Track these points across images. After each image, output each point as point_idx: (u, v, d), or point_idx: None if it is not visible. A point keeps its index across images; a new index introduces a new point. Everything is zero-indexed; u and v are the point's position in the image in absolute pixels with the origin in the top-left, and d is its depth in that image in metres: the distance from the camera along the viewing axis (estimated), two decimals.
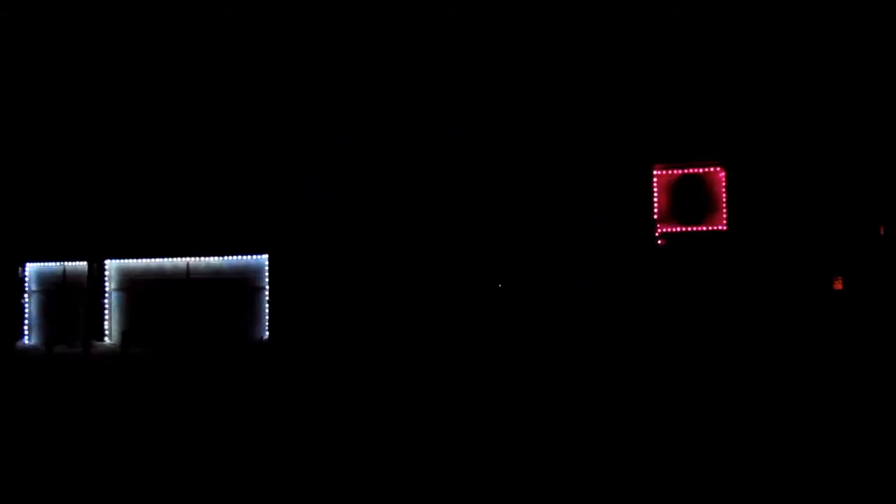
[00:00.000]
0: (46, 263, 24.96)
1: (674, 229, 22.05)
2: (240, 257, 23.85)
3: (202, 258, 24.00)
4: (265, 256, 23.68)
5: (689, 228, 22.32)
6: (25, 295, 24.92)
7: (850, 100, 21.59)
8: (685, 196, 22.20)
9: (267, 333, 23.38)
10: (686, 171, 22.08)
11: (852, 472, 8.95)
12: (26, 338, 24.88)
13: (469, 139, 21.68)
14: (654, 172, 22.46)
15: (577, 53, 22.30)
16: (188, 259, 24.06)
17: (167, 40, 23.48)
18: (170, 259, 24.23)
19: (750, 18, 21.47)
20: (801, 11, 21.13)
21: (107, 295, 24.51)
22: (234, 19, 22.99)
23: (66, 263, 24.76)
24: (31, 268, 25.02)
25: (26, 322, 24.92)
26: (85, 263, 24.27)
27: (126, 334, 23.66)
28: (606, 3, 21.71)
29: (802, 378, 17.71)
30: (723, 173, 22.29)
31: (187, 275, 24.13)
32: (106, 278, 24.46)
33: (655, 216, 22.00)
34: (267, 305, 23.49)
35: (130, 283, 24.47)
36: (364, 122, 22.18)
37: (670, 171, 22.27)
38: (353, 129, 22.23)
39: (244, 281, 23.78)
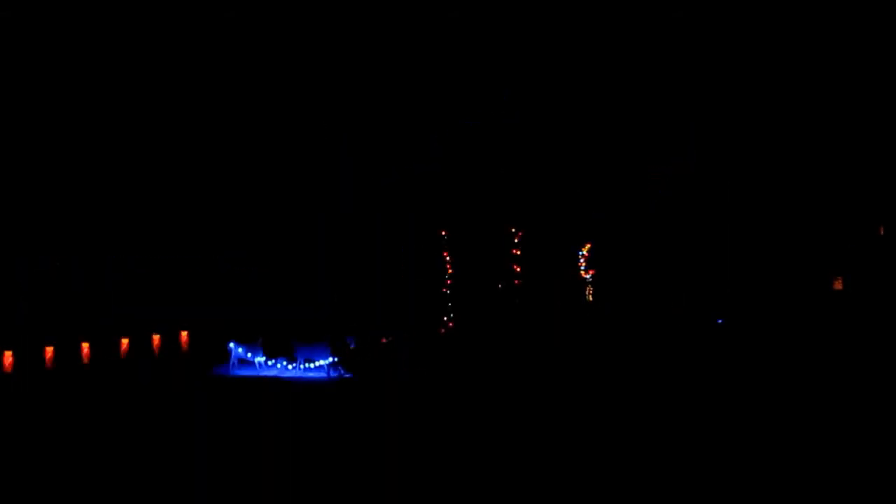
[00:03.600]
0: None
1: (672, 227, 22.02)
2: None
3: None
4: None
5: (688, 227, 22.30)
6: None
7: (851, 100, 21.56)
8: (684, 194, 22.18)
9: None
10: (685, 169, 22.06)
11: (852, 472, 8.92)
12: None
13: (469, 139, 21.67)
14: (652, 171, 22.46)
15: (576, 53, 22.27)
16: None
17: (166, 39, 23.42)
18: None
19: (750, 18, 21.44)
20: (802, 10, 21.10)
21: None
22: (235, 19, 22.94)
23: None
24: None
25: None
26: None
27: None
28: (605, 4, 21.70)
29: (802, 378, 17.67)
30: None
31: None
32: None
33: (653, 214, 21.98)
34: None
35: None
36: (365, 122, 22.15)
37: (668, 170, 22.25)
38: (354, 129, 22.22)
39: None
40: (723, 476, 9.11)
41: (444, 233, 22.55)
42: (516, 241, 22.06)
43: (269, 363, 17.68)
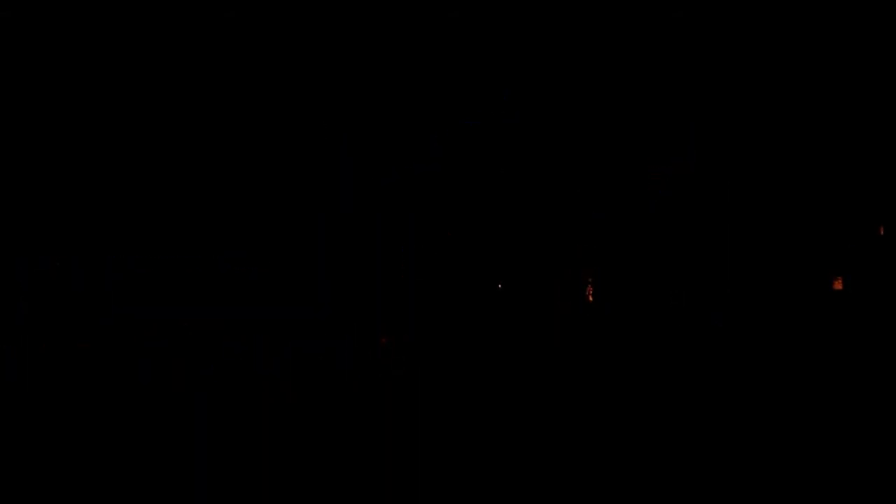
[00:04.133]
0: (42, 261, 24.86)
1: (672, 227, 22.03)
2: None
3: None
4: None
5: (688, 227, 22.29)
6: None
7: (850, 99, 21.58)
8: (684, 194, 22.18)
9: None
10: (685, 169, 22.05)
11: (852, 473, 8.93)
12: None
13: (469, 139, 21.67)
14: (652, 171, 22.46)
15: (576, 53, 22.27)
16: None
17: (166, 39, 23.43)
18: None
19: (751, 18, 21.46)
20: (802, 10, 21.12)
21: None
22: (235, 19, 22.95)
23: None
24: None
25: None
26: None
27: None
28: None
29: (802, 378, 17.69)
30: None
31: None
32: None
33: (653, 214, 21.99)
34: None
35: None
36: (365, 121, 22.16)
37: (668, 170, 22.25)
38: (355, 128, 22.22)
39: None
40: (723, 476, 9.13)
41: (444, 233, 22.58)
42: (516, 240, 22.08)
43: None
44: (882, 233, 22.50)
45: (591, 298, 23.07)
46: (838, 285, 22.06)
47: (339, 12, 22.46)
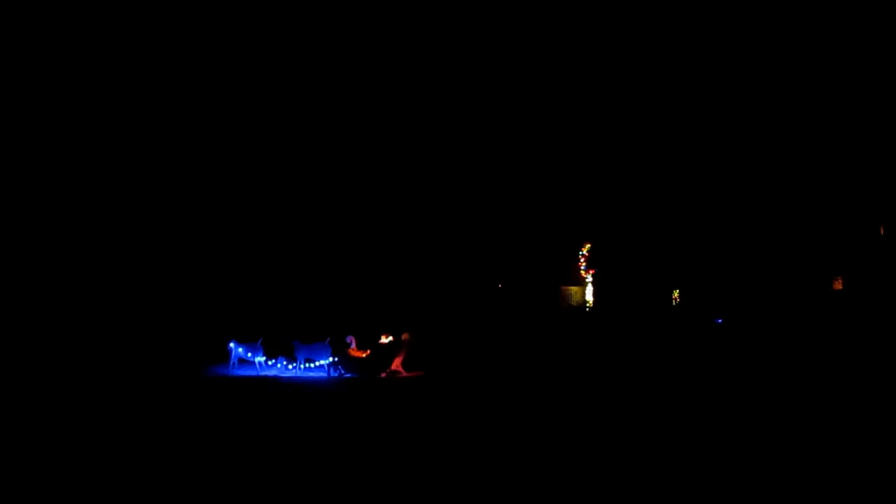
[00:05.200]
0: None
1: (672, 227, 22.06)
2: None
3: None
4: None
5: (688, 227, 22.35)
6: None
7: (851, 100, 21.61)
8: (684, 194, 22.25)
9: None
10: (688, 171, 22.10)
11: (852, 473, 8.94)
12: None
13: (469, 140, 21.70)
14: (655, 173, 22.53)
15: (576, 54, 22.31)
16: None
17: (165, 39, 23.46)
18: None
19: (751, 17, 21.49)
20: (803, 10, 21.15)
21: None
22: (234, 18, 23.00)
23: None
24: None
25: None
26: None
27: None
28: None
29: (803, 378, 17.69)
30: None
31: None
32: None
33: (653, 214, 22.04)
34: None
35: None
36: (366, 122, 22.20)
37: (670, 171, 22.31)
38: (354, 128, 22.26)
39: None
40: (721, 477, 9.13)
41: (445, 233, 22.64)
42: (517, 241, 22.11)
43: (269, 363, 17.65)
44: (882, 233, 22.52)
45: (591, 298, 23.07)
46: (838, 285, 22.08)
47: (344, 19, 22.49)
